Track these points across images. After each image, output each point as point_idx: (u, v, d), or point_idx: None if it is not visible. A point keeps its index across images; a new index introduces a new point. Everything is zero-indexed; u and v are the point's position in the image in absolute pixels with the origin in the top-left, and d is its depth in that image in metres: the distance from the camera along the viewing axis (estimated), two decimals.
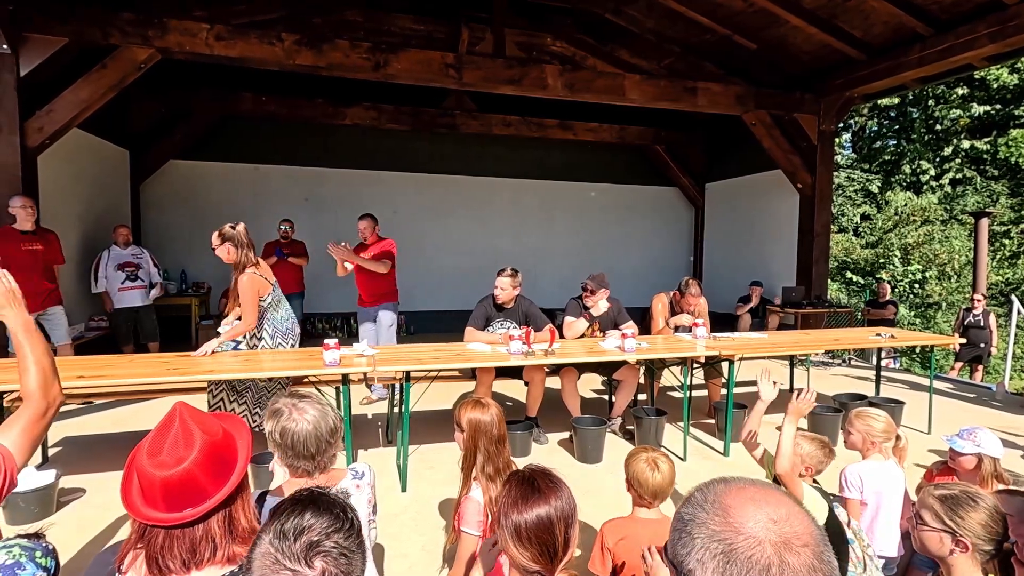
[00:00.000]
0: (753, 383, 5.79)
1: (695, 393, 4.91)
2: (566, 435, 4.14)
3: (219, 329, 3.62)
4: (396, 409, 4.04)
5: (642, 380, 4.45)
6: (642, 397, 4.72)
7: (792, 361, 5.65)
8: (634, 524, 1.94)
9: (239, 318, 3.59)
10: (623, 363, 4.07)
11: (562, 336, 4.17)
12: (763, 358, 4.54)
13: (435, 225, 8.88)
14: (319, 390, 3.17)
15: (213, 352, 3.43)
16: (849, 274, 14.52)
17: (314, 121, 7.74)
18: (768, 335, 4.96)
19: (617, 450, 3.91)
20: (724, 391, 4.07)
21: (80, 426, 4.26)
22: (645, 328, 4.70)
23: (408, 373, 3.21)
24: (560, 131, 8.70)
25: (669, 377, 4.64)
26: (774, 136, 7.19)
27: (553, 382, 4.19)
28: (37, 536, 1.34)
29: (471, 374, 4.16)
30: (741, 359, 3.84)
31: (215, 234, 3.47)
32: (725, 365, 4.03)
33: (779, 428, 2.05)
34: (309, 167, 8.27)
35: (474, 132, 8.39)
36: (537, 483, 1.29)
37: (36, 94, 4.69)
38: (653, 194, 10.04)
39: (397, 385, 3.82)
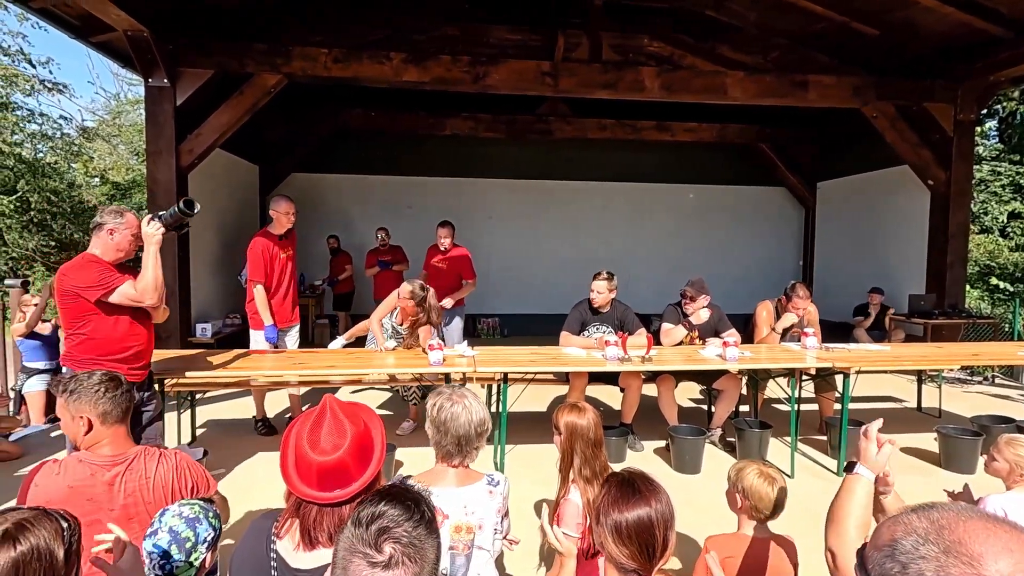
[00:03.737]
0: (872, 399, 5.35)
1: (803, 407, 4.61)
2: (662, 443, 4.06)
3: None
4: (493, 409, 4.18)
5: (744, 391, 4.26)
6: (743, 408, 4.51)
7: (920, 377, 5.12)
8: (742, 542, 1.88)
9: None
10: (724, 372, 3.93)
11: (659, 343, 4.09)
12: (884, 372, 4.18)
13: (529, 230, 9.03)
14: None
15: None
16: (994, 280, 12.79)
17: (416, 132, 8.19)
18: (890, 347, 4.54)
19: (716, 462, 3.78)
20: (838, 406, 3.79)
21: (221, 411, 4.83)
22: (748, 337, 4.49)
23: (506, 375, 3.32)
24: (656, 132, 8.51)
25: (774, 389, 4.40)
26: (899, 129, 6.56)
27: (648, 389, 4.12)
28: (209, 500, 1.59)
29: (564, 378, 4.21)
30: (858, 372, 3.56)
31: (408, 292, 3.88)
32: (839, 378, 3.75)
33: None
34: (411, 176, 8.75)
35: (569, 137, 8.44)
36: (637, 485, 1.33)
37: (186, 120, 5.39)
38: (757, 195, 9.51)
39: (494, 386, 3.96)
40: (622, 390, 4.11)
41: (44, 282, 13.35)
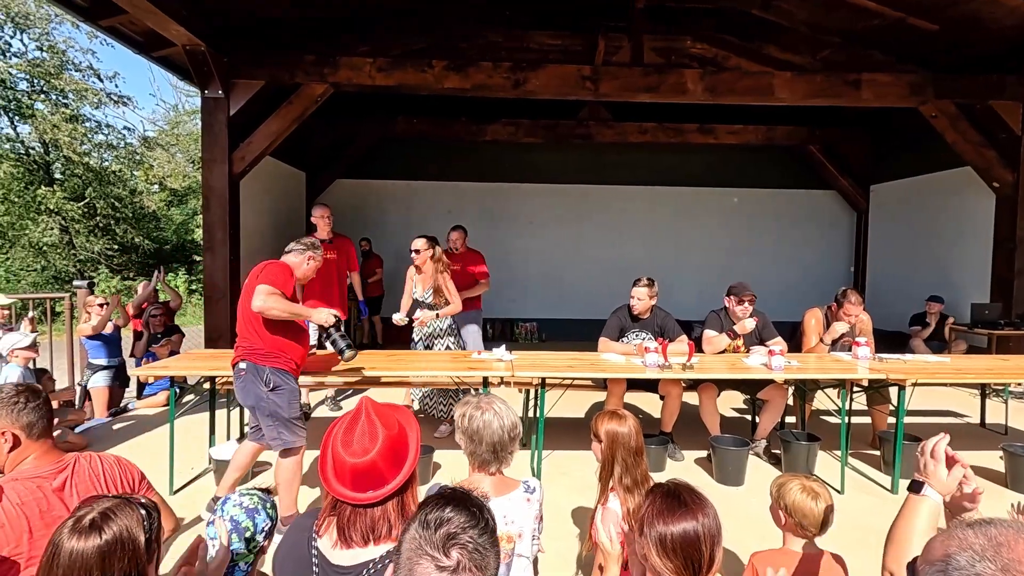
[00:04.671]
0: (931, 413, 5.07)
1: (855, 420, 4.41)
2: (703, 454, 3.96)
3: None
4: (531, 414, 4.17)
5: (790, 402, 4.11)
6: (789, 420, 4.35)
7: (984, 391, 4.83)
8: (790, 558, 1.81)
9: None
10: (769, 382, 3.80)
11: (700, 350, 4.00)
12: (943, 385, 3.95)
13: (569, 234, 9.00)
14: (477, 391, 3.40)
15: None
16: None
17: (458, 139, 8.30)
18: (951, 358, 4.29)
19: (760, 474, 3.66)
20: (892, 420, 3.61)
21: None
22: (795, 345, 4.33)
23: (544, 380, 3.31)
24: (700, 135, 8.34)
25: (823, 400, 4.23)
26: (960, 128, 6.22)
27: (689, 398, 4.03)
28: (267, 491, 1.65)
29: (602, 384, 4.17)
30: (915, 385, 3.39)
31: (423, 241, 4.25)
32: (893, 390, 3.58)
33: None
34: (453, 182, 8.86)
35: (609, 141, 8.37)
36: (683, 497, 1.29)
37: (239, 129, 5.62)
38: (806, 198, 9.18)
39: (531, 391, 3.95)
40: (662, 398, 4.04)
41: (107, 283, 14.15)
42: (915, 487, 1.27)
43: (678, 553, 1.23)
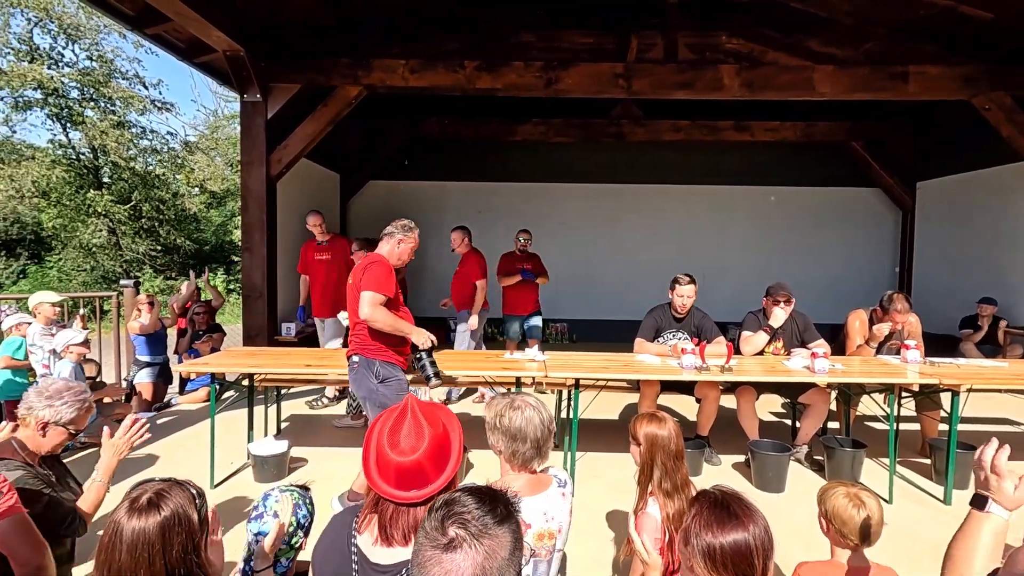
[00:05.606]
0: (985, 420, 4.83)
1: (903, 426, 4.23)
2: (741, 458, 3.86)
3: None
4: (564, 415, 4.13)
5: (833, 406, 3.96)
6: (831, 425, 4.20)
7: None
8: (836, 571, 1.73)
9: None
10: (810, 385, 3.67)
11: (738, 352, 3.89)
12: (999, 391, 3.75)
13: (600, 234, 8.91)
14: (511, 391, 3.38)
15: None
16: None
17: (488, 139, 8.31)
18: (1008, 363, 4.07)
19: (803, 481, 3.54)
20: (943, 427, 3.45)
21: (302, 406, 5.09)
22: (838, 348, 4.18)
23: (578, 381, 3.28)
24: (735, 133, 8.15)
25: (869, 405, 4.07)
26: (1017, 122, 5.90)
27: (726, 401, 3.93)
28: (305, 487, 1.67)
29: (636, 386, 4.10)
30: (970, 390, 3.22)
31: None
32: (945, 396, 3.41)
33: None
34: (484, 182, 8.87)
35: (642, 140, 8.26)
36: (732, 507, 1.24)
37: (276, 132, 5.74)
38: (847, 196, 8.87)
39: (564, 391, 3.91)
40: (698, 400, 3.95)
41: (151, 283, 14.68)
42: (978, 503, 1.17)
43: (728, 566, 1.18)
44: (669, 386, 3.90)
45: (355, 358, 2.95)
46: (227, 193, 17.19)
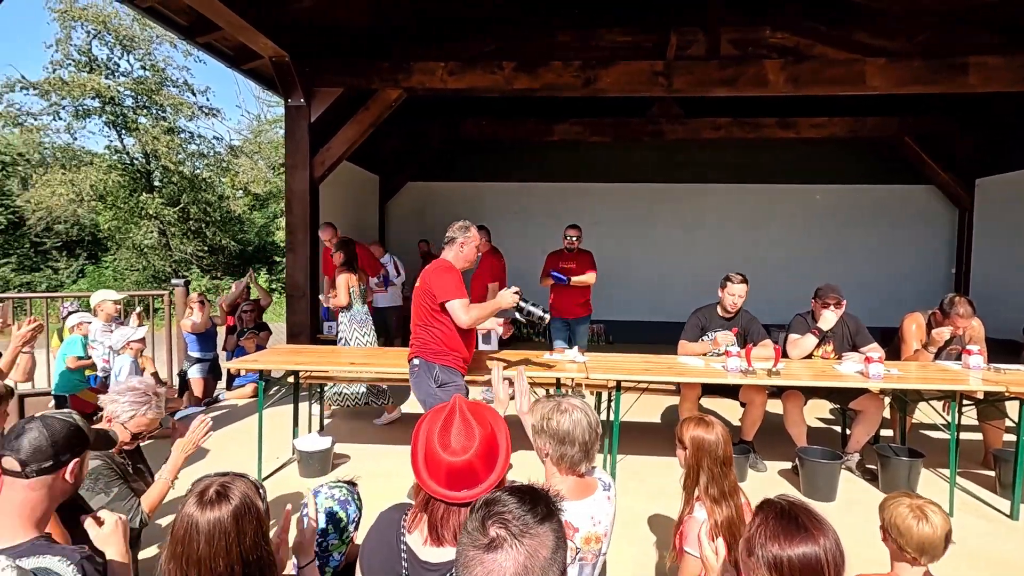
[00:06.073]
0: None
1: (963, 436, 4.02)
2: (786, 465, 3.74)
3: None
4: (604, 417, 4.09)
5: (886, 414, 3.80)
6: (884, 433, 4.03)
7: None
8: None
9: None
10: (863, 391, 3.53)
11: (785, 355, 3.77)
12: None
13: (637, 235, 8.80)
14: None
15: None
16: None
17: (525, 139, 8.31)
18: None
19: (854, 490, 3.41)
20: (1008, 437, 3.26)
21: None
22: (892, 353, 4.00)
23: (619, 383, 3.23)
24: (779, 130, 7.91)
25: (927, 413, 3.88)
26: None
27: (771, 405, 3.81)
28: (352, 483, 1.70)
29: (677, 388, 4.02)
30: None
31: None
32: (1011, 405, 3.22)
33: None
34: (521, 183, 8.89)
35: (681, 138, 8.11)
36: (800, 519, 1.19)
37: (319, 135, 5.87)
38: (899, 194, 8.50)
39: (604, 393, 3.87)
40: (742, 404, 3.84)
41: (198, 282, 15.26)
42: None
43: None
44: (711, 389, 3.81)
45: (416, 361, 2.98)
46: (269, 195, 17.71)
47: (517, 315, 3.00)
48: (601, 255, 8.78)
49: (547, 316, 3.00)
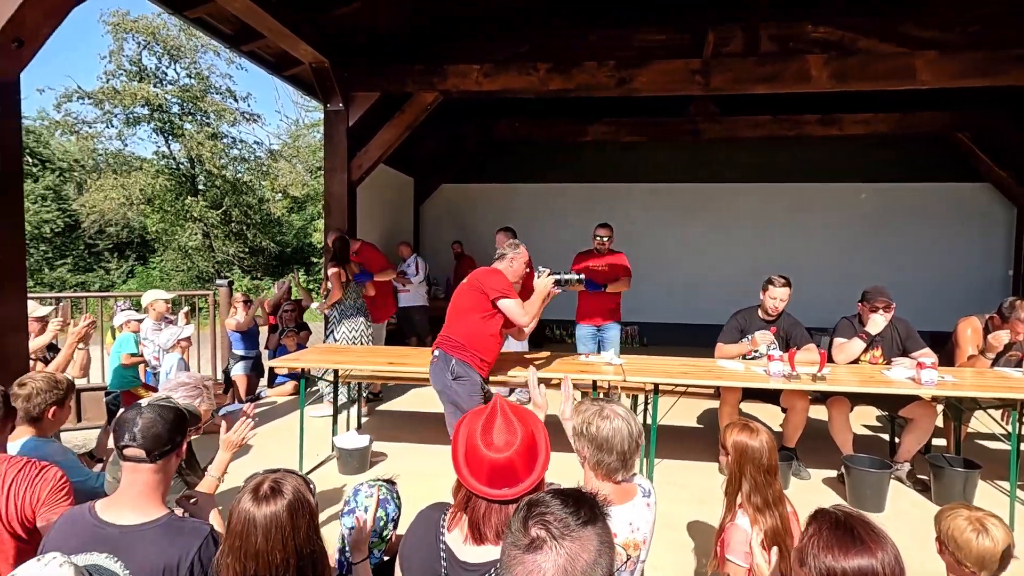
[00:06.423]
0: None
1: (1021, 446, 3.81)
2: (831, 473, 3.62)
3: None
4: (640, 420, 4.03)
5: (939, 422, 3.63)
6: (936, 443, 3.86)
7: None
8: None
9: None
10: (914, 398, 3.39)
11: (831, 360, 3.65)
12: None
13: (672, 236, 8.66)
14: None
15: None
16: None
17: (559, 140, 8.28)
18: None
19: (904, 501, 3.27)
20: None
21: (382, 402, 5.27)
22: (944, 358, 3.83)
23: (657, 386, 3.19)
24: (820, 127, 7.67)
25: (983, 422, 3.70)
26: None
27: (814, 411, 3.70)
28: (391, 482, 1.72)
29: (716, 392, 3.93)
30: None
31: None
32: None
33: None
34: (554, 184, 8.85)
35: (718, 137, 7.96)
36: (856, 529, 1.14)
37: (356, 139, 5.98)
38: (951, 192, 8.12)
39: (641, 396, 3.82)
40: (784, 410, 3.73)
41: (240, 283, 15.76)
42: None
43: None
44: (751, 393, 3.72)
45: (436, 352, 3.09)
46: (307, 198, 18.16)
47: (560, 285, 3.14)
48: (635, 256, 8.66)
49: (582, 277, 3.20)
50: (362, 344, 4.76)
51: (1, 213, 2.46)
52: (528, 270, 4.81)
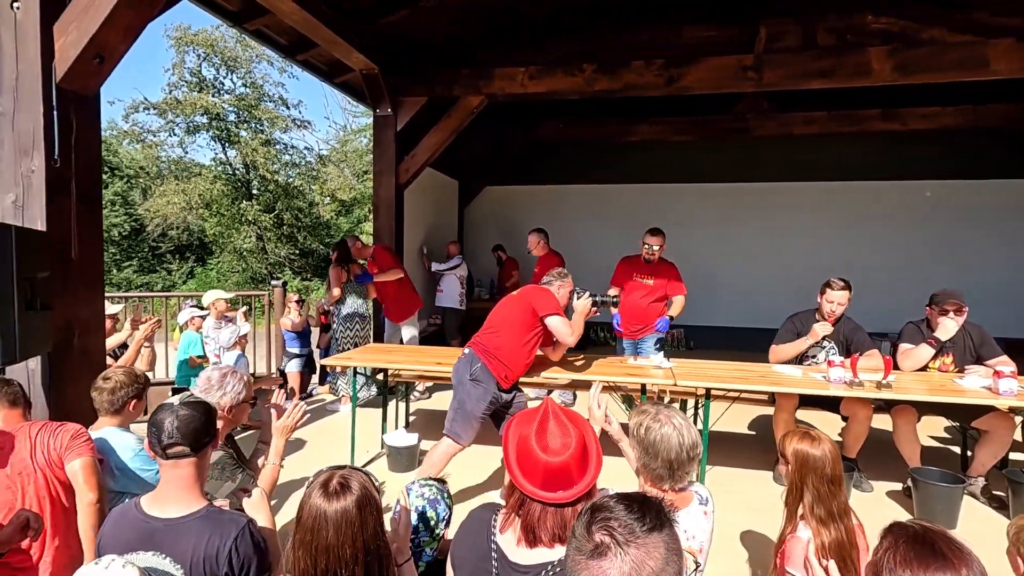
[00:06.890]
0: None
1: None
2: (895, 486, 3.45)
3: None
4: None
5: (1017, 435, 3.40)
6: (1013, 457, 3.61)
7: None
8: None
9: None
10: (989, 409, 3.18)
11: (896, 367, 3.47)
12: None
13: (720, 237, 8.43)
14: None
15: None
16: None
17: (605, 141, 8.20)
18: None
19: (977, 518, 3.08)
20: None
21: (428, 402, 5.35)
22: (1021, 366, 3.58)
23: (709, 391, 3.11)
24: (881, 122, 7.31)
25: None
26: None
27: (877, 421, 3.52)
28: (442, 481, 1.75)
29: (770, 398, 3.81)
30: None
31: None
32: None
33: None
34: (600, 185, 8.76)
35: (770, 135, 7.70)
36: (938, 545, 1.08)
37: (404, 143, 6.10)
38: (1022, 189, 7.61)
39: (690, 401, 3.73)
40: (844, 418, 3.58)
41: (292, 283, 16.32)
42: None
43: None
44: (807, 400, 3.58)
45: (467, 350, 3.14)
46: (354, 201, 18.63)
47: (596, 305, 3.28)
48: (682, 258, 8.51)
49: (618, 298, 3.41)
50: (359, 344, 4.97)
51: (85, 220, 2.62)
52: (541, 256, 5.12)
